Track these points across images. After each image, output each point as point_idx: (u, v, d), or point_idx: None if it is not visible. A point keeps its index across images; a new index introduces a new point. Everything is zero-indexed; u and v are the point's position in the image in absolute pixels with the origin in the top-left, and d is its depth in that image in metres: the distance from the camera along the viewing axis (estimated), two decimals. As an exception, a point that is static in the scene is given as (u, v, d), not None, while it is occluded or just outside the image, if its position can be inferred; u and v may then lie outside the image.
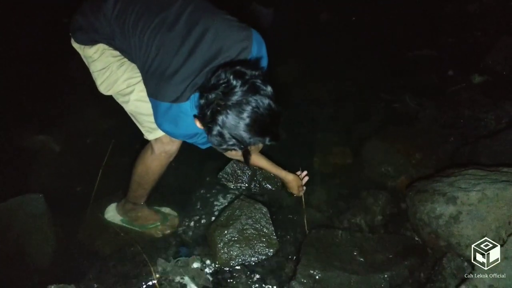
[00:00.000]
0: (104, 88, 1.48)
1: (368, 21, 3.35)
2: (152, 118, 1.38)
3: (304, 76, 2.84)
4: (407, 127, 2.29)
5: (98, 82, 1.48)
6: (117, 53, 1.43)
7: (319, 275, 1.52)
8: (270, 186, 1.90)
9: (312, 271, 1.52)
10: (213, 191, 1.91)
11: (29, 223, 1.71)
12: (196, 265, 1.57)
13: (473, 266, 1.35)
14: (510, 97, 2.32)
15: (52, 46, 2.82)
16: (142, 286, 1.61)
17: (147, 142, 1.55)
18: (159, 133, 1.44)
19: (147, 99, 1.37)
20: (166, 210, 1.85)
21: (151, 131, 1.46)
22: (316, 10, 3.52)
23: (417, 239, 1.66)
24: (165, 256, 1.65)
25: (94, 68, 1.46)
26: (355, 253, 1.63)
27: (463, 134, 2.14)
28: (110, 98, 1.55)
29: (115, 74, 1.44)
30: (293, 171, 1.91)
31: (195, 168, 2.06)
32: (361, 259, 1.61)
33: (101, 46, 1.42)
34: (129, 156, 2.00)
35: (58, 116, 2.40)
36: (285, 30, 3.19)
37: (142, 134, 1.52)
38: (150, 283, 1.61)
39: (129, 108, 1.49)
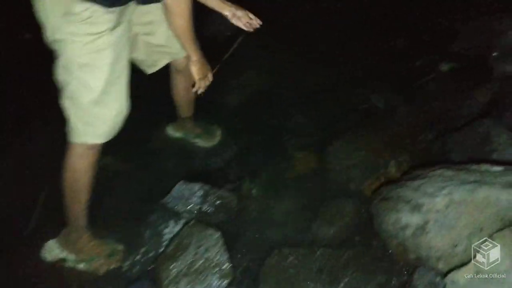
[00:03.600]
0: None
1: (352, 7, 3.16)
2: (87, 112, 1.34)
3: (271, 71, 2.64)
4: (376, 127, 2.10)
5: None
6: None
7: (280, 305, 1.35)
8: (224, 207, 1.72)
9: (271, 302, 1.35)
10: (162, 216, 1.71)
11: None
12: None
13: (445, 279, 1.19)
14: (479, 84, 2.17)
15: None
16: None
17: None
18: (87, 134, 1.38)
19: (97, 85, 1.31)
20: (110, 242, 1.67)
21: (79, 131, 1.38)
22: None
23: (387, 252, 1.50)
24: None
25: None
26: (320, 274, 1.47)
27: (433, 130, 1.98)
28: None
29: None
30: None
31: (140, 192, 1.88)
32: (328, 279, 1.45)
33: None
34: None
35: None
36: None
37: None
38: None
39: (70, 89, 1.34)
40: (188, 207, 1.70)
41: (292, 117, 2.30)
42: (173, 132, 2.20)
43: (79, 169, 1.44)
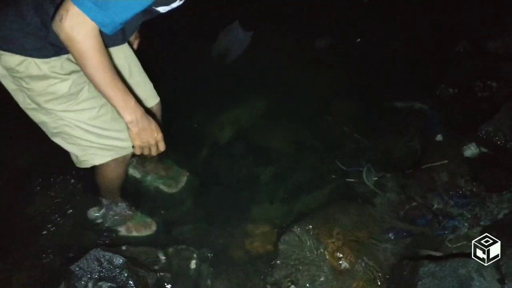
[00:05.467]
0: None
1: (367, 52, 2.78)
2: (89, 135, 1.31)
3: (260, 119, 2.38)
4: (354, 214, 1.77)
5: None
6: None
7: None
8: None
9: None
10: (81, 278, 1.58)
11: None
12: None
13: None
14: (501, 185, 1.71)
15: None
16: None
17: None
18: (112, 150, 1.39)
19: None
20: None
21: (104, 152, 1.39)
22: (313, 36, 2.95)
23: None
24: None
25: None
26: None
27: (418, 240, 1.60)
28: None
29: None
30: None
31: (77, 240, 1.75)
32: None
33: None
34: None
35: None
36: (260, 60, 2.73)
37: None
38: None
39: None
40: (100, 276, 1.54)
41: (267, 179, 2.04)
42: (133, 171, 2.04)
43: (112, 177, 1.54)
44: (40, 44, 1.10)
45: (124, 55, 1.46)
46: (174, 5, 1.09)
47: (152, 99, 1.60)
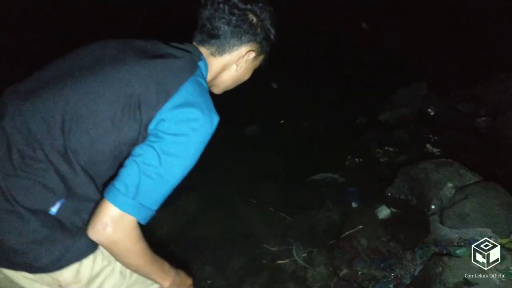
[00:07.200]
0: None
1: (287, 133, 3.06)
2: None
3: (192, 212, 2.42)
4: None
5: None
6: None
7: None
8: None
9: None
10: None
11: None
12: None
13: None
14: (412, 242, 1.90)
15: None
16: None
17: None
18: None
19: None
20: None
21: None
22: (242, 125, 3.17)
23: None
24: None
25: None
26: None
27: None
28: None
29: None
30: None
31: None
32: None
33: None
34: None
35: None
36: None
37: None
38: None
39: None
40: None
41: (204, 274, 2.04)
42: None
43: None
44: (86, 241, 0.99)
45: None
46: None
47: None
